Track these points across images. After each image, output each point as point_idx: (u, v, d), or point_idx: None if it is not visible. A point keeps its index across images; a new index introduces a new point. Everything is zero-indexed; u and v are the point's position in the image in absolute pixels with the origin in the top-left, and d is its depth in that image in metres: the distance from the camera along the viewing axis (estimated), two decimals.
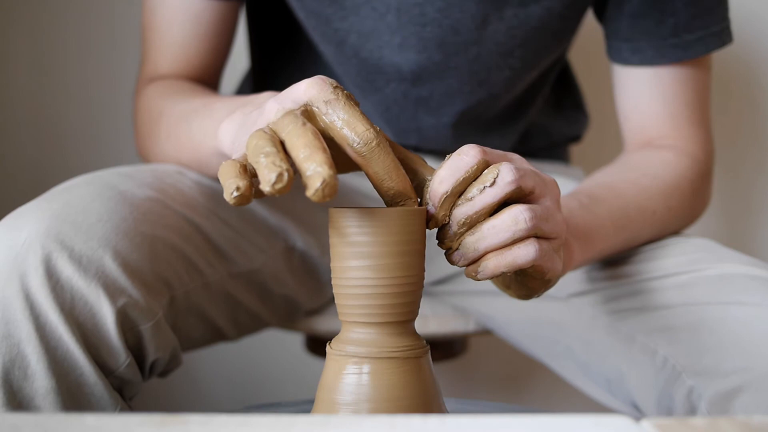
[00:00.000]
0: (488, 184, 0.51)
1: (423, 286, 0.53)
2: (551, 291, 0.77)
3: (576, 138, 1.00)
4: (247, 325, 0.81)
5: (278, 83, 0.93)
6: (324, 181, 0.44)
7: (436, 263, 0.87)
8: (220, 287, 0.72)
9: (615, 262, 0.75)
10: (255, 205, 0.79)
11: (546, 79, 0.93)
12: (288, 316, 0.87)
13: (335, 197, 0.48)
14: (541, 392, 1.40)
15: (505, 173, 0.51)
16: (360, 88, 0.85)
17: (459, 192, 0.52)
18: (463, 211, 0.52)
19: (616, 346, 0.72)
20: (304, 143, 0.46)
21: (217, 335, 0.77)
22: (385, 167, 0.50)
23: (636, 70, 0.82)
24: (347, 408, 0.51)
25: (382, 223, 0.51)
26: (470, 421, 0.40)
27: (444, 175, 0.52)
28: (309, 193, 0.45)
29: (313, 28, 0.83)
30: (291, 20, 0.87)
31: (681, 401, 0.66)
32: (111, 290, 0.58)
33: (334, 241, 0.53)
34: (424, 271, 0.53)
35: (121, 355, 0.59)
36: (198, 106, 0.73)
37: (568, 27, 0.84)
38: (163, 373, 0.70)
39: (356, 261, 0.51)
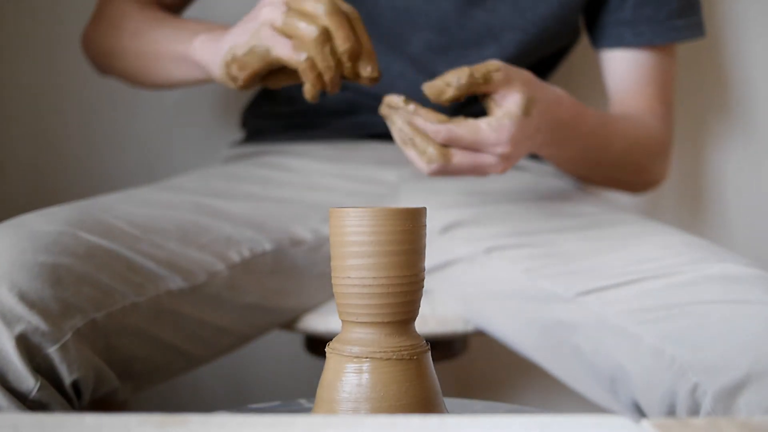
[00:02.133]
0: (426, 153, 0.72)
1: (423, 286, 0.54)
2: (558, 290, 0.79)
3: None
4: (218, 341, 0.82)
5: None
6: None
7: (431, 249, 0.88)
8: (156, 306, 0.74)
9: (620, 260, 0.76)
10: (206, 220, 0.81)
11: (548, 72, 1.02)
12: (269, 323, 0.88)
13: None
14: (541, 392, 1.40)
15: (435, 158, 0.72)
16: (389, 43, 0.94)
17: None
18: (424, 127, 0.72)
19: (623, 345, 0.72)
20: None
21: (178, 354, 0.78)
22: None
23: (620, 54, 0.99)
24: (347, 408, 0.51)
25: (382, 222, 0.51)
26: (470, 421, 0.40)
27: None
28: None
29: None
30: None
31: (684, 398, 0.66)
32: (7, 319, 0.61)
33: (334, 240, 0.53)
34: (424, 270, 0.53)
35: (29, 379, 0.61)
36: (167, 17, 0.91)
37: (571, 2, 0.94)
38: (106, 397, 0.72)
39: (356, 260, 0.51)
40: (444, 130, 0.71)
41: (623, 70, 0.99)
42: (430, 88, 0.72)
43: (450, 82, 0.71)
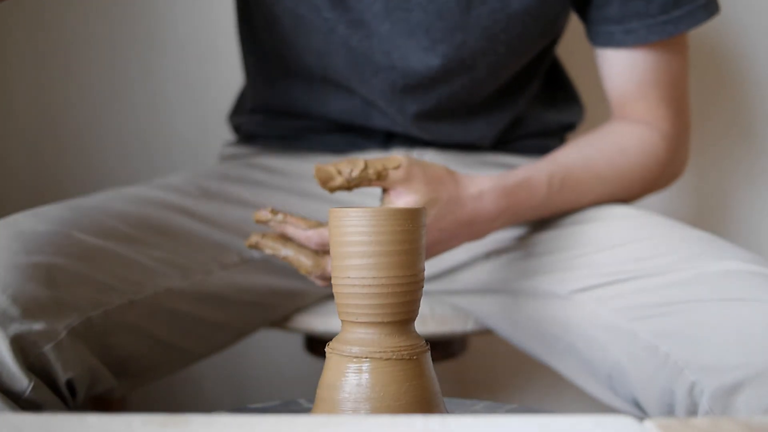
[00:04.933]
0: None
1: (423, 286, 0.54)
2: (553, 288, 0.79)
3: (570, 126, 1.00)
4: (214, 336, 0.83)
5: (275, 86, 0.95)
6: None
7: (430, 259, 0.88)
8: (154, 303, 0.74)
9: (616, 257, 0.76)
10: (197, 226, 0.82)
11: (535, 71, 0.95)
12: (265, 318, 0.88)
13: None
14: (541, 392, 1.40)
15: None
16: (348, 78, 0.88)
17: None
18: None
19: (617, 342, 0.72)
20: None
21: (174, 351, 0.78)
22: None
23: (613, 53, 0.87)
24: (347, 407, 0.51)
25: (382, 222, 0.51)
26: (470, 421, 0.40)
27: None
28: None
29: (298, 20, 0.86)
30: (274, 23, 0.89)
31: (682, 397, 0.66)
32: (0, 320, 0.61)
33: (334, 240, 0.53)
34: (424, 270, 0.53)
35: (22, 379, 0.61)
36: None
37: (551, 12, 0.87)
38: (102, 395, 0.73)
39: (356, 260, 0.51)
40: (315, 235, 0.67)
41: (619, 72, 0.88)
42: (319, 171, 0.67)
43: (342, 171, 0.67)
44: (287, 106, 0.96)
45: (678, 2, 0.82)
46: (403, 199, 0.69)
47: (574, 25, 0.99)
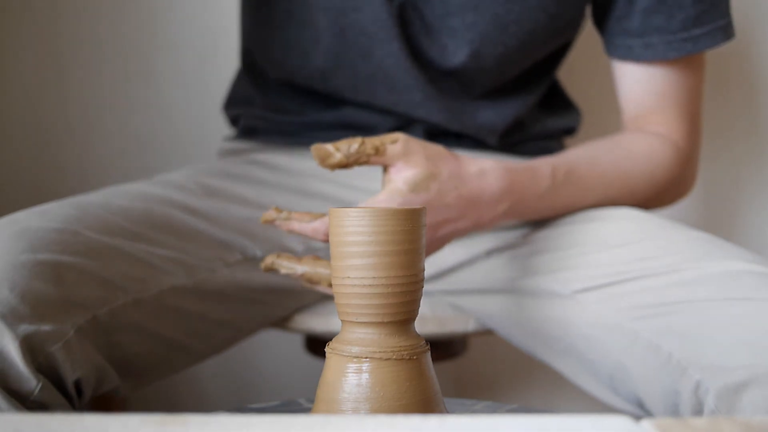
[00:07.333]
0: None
1: (423, 286, 0.54)
2: (555, 287, 0.78)
3: (570, 130, 1.01)
4: (217, 335, 0.83)
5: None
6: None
7: (430, 258, 0.88)
8: (158, 301, 0.74)
9: (619, 257, 0.76)
10: (200, 224, 0.82)
11: (546, 72, 0.95)
12: (268, 318, 0.88)
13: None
14: (541, 392, 1.40)
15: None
16: (358, 51, 0.87)
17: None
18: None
19: (619, 342, 0.72)
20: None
21: (178, 350, 0.78)
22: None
23: (631, 66, 0.88)
24: (347, 408, 0.51)
25: (382, 222, 0.51)
26: (470, 421, 0.40)
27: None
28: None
29: None
30: None
31: (688, 396, 0.66)
32: (9, 320, 0.60)
33: (333, 240, 0.53)
34: (423, 270, 0.53)
35: (30, 380, 0.60)
36: None
37: (566, 15, 0.87)
38: (107, 394, 0.72)
39: (356, 260, 0.51)
40: (321, 225, 0.67)
41: (635, 84, 0.88)
42: (317, 150, 0.67)
43: (339, 148, 0.67)
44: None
45: (699, 21, 0.83)
46: (403, 174, 0.69)
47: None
